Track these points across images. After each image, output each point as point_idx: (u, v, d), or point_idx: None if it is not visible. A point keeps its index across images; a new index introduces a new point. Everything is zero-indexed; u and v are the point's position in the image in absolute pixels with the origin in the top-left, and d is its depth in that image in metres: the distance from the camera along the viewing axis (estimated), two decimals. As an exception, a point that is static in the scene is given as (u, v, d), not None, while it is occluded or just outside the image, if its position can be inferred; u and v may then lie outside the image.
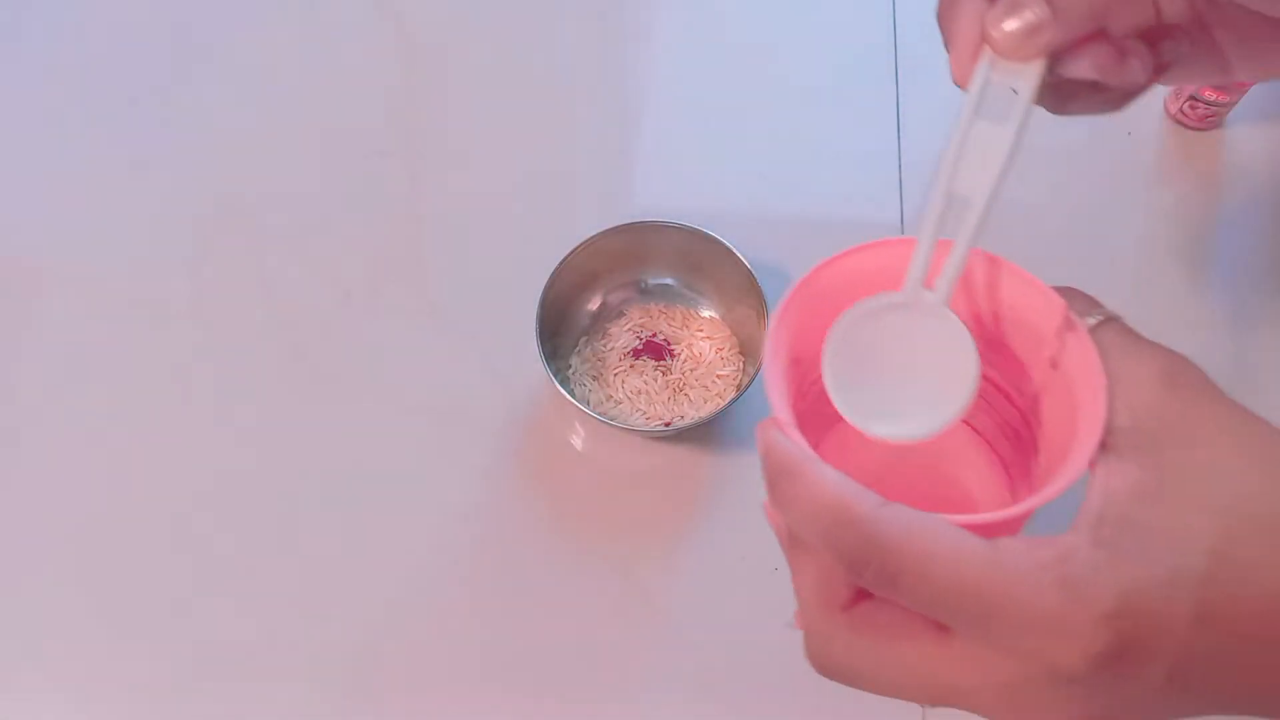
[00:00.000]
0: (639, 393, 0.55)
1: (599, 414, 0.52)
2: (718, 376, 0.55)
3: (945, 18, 0.31)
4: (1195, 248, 0.61)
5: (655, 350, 0.56)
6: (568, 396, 0.51)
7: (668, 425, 0.54)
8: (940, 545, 0.26)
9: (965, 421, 0.33)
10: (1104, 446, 0.28)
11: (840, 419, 0.30)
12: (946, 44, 0.31)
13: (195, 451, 0.57)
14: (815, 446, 0.28)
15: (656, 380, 0.55)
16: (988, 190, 0.29)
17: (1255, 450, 0.27)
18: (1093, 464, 0.28)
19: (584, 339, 0.57)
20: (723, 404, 0.53)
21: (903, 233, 0.61)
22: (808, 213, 0.60)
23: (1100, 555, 0.26)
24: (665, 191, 0.63)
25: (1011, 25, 0.29)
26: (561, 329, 0.57)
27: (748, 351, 0.55)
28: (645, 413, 0.55)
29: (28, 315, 0.60)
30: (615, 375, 0.56)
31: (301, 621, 0.53)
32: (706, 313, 0.58)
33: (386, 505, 0.55)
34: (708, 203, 0.63)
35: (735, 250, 0.53)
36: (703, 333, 0.57)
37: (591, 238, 0.54)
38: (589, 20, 0.70)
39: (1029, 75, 0.29)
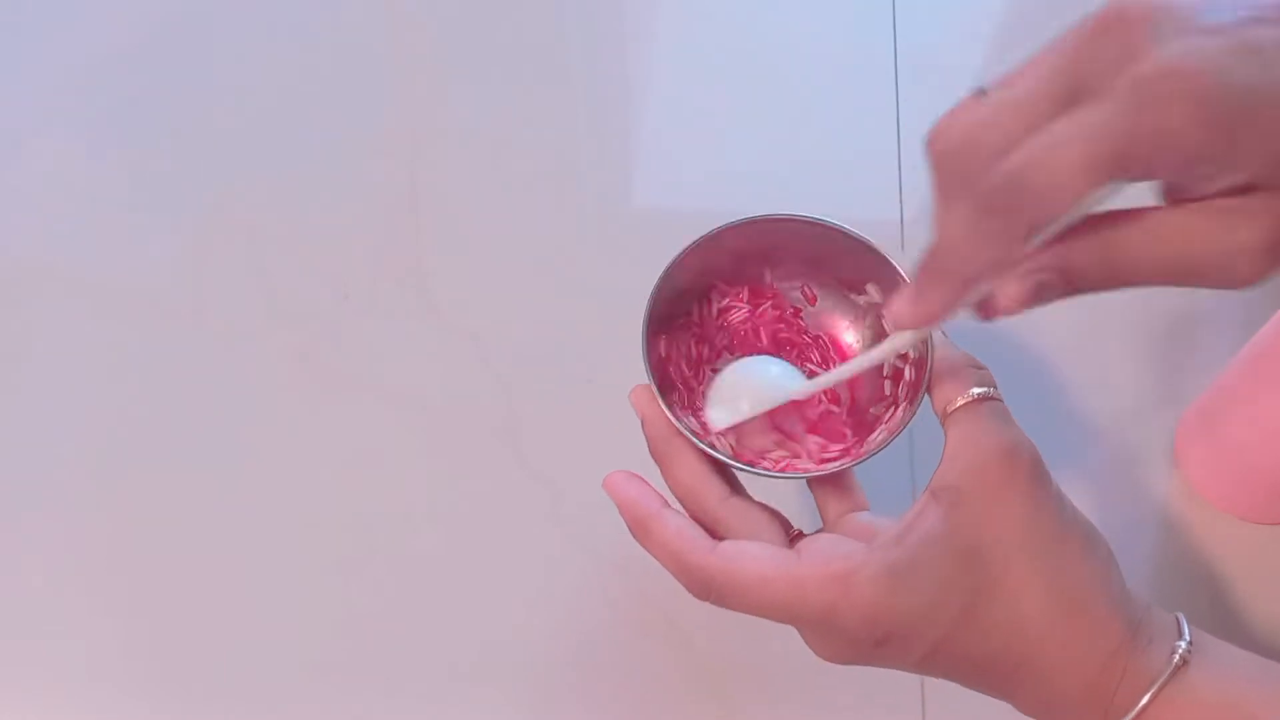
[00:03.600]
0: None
1: (737, 460, 0.40)
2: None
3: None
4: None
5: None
6: (684, 432, 0.39)
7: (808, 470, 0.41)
8: (753, 577, 0.36)
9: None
10: (931, 491, 0.35)
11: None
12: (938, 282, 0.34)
13: (193, 451, 0.57)
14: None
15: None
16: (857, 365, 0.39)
17: (1018, 539, 0.35)
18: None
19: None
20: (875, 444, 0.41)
21: (902, 233, 0.61)
22: (807, 212, 0.60)
23: (881, 577, 0.34)
24: (664, 191, 0.63)
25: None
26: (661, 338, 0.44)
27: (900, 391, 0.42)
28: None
29: (27, 315, 0.61)
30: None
31: (296, 621, 0.53)
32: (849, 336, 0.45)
33: (384, 504, 0.55)
34: (707, 202, 0.63)
35: (888, 257, 0.41)
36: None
37: (708, 235, 0.42)
38: (589, 20, 0.70)
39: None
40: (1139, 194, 0.31)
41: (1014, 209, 0.30)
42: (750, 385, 0.42)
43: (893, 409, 0.42)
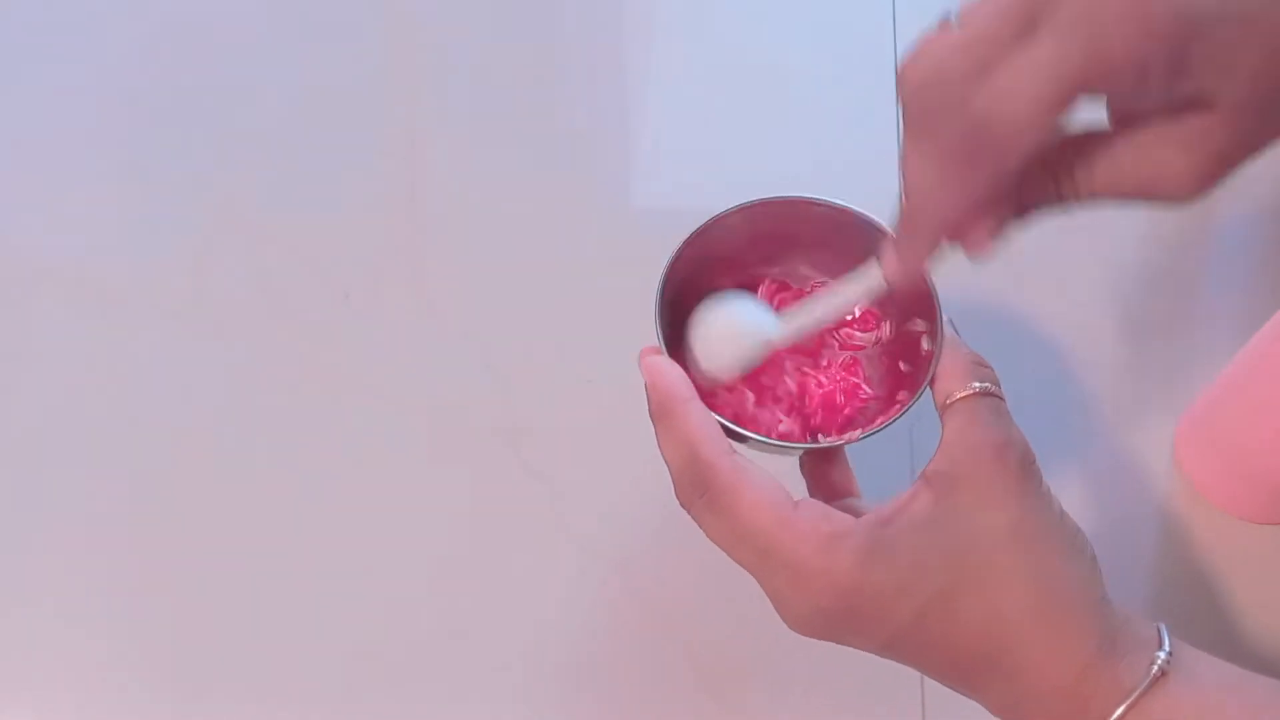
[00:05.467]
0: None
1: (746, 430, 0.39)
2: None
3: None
4: (1194, 248, 0.61)
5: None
6: (717, 420, 0.38)
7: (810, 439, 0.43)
8: (749, 496, 0.35)
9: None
10: (925, 477, 0.36)
11: None
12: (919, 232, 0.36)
13: (193, 451, 0.57)
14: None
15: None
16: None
17: (1005, 533, 0.35)
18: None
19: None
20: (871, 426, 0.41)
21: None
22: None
23: (861, 549, 0.34)
24: (664, 191, 0.63)
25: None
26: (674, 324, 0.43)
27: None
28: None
29: (27, 315, 0.61)
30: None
31: (297, 622, 0.53)
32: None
33: (384, 504, 0.55)
34: (707, 202, 0.62)
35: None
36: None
37: (719, 215, 0.43)
38: (589, 20, 0.70)
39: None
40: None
41: (982, 152, 0.32)
42: (727, 337, 0.41)
43: (894, 400, 0.42)
